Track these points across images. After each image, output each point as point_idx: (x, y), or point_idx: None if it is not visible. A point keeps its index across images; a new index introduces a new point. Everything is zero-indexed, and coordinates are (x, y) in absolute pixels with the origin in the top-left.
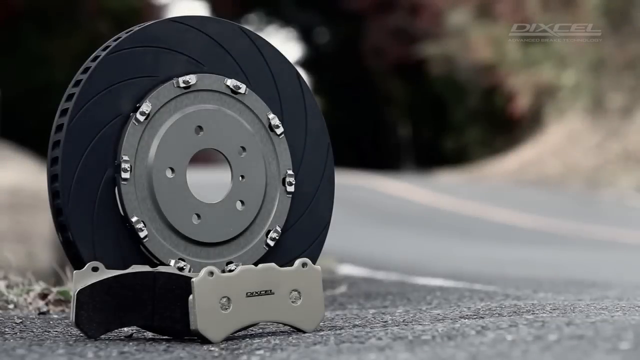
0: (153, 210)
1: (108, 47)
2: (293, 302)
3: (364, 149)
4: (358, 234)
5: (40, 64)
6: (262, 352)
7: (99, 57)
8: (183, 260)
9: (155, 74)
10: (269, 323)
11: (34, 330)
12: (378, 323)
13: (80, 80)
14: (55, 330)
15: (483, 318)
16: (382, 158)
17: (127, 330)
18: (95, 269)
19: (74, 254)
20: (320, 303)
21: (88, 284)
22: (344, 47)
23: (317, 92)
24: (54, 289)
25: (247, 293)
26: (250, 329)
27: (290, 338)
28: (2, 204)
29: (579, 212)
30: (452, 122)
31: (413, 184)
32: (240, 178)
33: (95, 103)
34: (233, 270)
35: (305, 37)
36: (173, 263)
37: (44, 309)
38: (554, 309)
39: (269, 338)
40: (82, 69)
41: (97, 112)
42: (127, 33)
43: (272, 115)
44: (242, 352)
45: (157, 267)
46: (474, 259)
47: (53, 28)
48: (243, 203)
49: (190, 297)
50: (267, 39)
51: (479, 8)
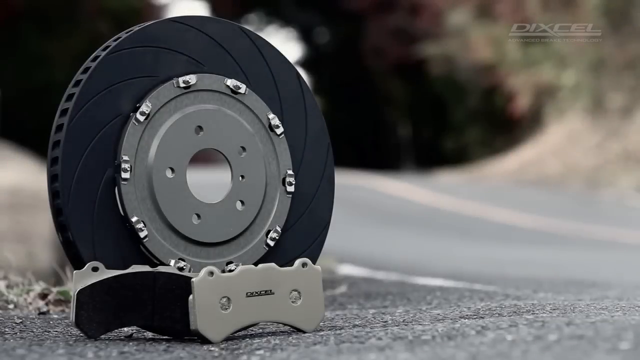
0: (153, 210)
1: (108, 47)
2: (293, 302)
3: (364, 149)
4: (358, 234)
5: (40, 64)
6: (262, 352)
7: (99, 57)
8: (183, 260)
9: (155, 74)
10: (269, 323)
11: (34, 330)
12: (378, 323)
13: (80, 80)
14: (55, 330)
15: (483, 318)
16: (382, 158)
17: (127, 330)
18: (95, 269)
19: (74, 254)
20: (320, 303)
21: (88, 284)
22: (344, 47)
23: (317, 92)
24: (54, 289)
25: (247, 293)
26: (250, 329)
27: (290, 338)
28: (2, 204)
29: (579, 212)
30: (452, 122)
31: (413, 184)
32: (240, 178)
33: (95, 103)
34: (233, 270)
35: (305, 37)
36: (173, 263)
37: (44, 309)
38: (554, 309)
39: (269, 338)
40: (82, 69)
41: (97, 112)
42: (127, 33)
43: (272, 115)
44: (242, 352)
45: (157, 267)
46: (474, 259)
47: (53, 28)
48: (243, 203)
49: (190, 297)
50: (267, 39)
51: (479, 8)
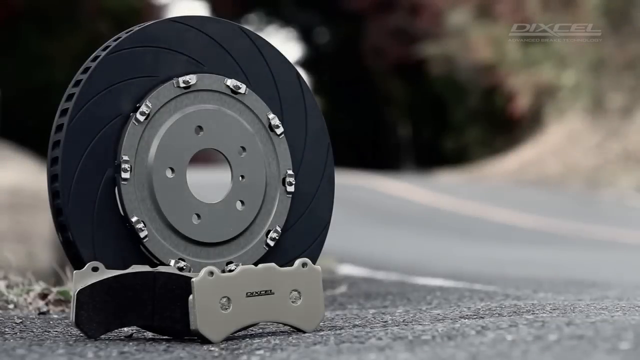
0: (153, 210)
1: (108, 47)
2: (293, 302)
3: (364, 149)
4: (358, 234)
5: (40, 64)
6: (262, 352)
7: (99, 57)
8: (183, 260)
9: (155, 74)
10: (269, 323)
11: (34, 330)
12: (378, 323)
13: (80, 80)
14: (55, 330)
15: (483, 318)
16: (382, 158)
17: (127, 330)
18: (95, 269)
19: (74, 254)
20: (320, 303)
21: (88, 284)
22: (344, 47)
23: (317, 92)
24: (54, 289)
25: (247, 293)
26: (250, 329)
27: (290, 338)
28: (2, 204)
29: (579, 212)
30: (452, 122)
31: (413, 184)
32: (240, 178)
33: (95, 103)
34: (233, 270)
35: (305, 37)
36: (173, 263)
37: (44, 309)
38: (554, 309)
39: (269, 338)
40: (82, 69)
41: (97, 112)
42: (127, 33)
43: (272, 115)
44: (242, 352)
45: (157, 267)
46: (474, 259)
47: (53, 28)
48: (243, 203)
49: (190, 297)
50: (267, 39)
51: (479, 8)
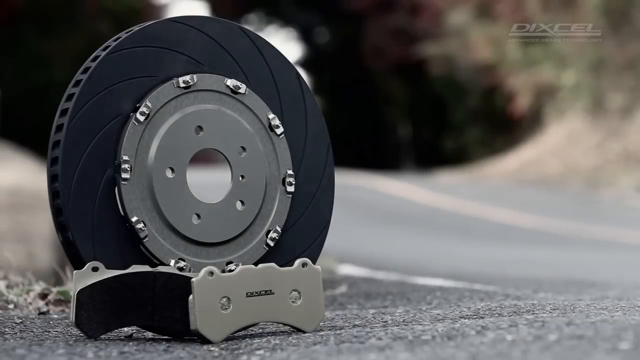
0: (153, 210)
1: (108, 47)
2: (293, 302)
3: (364, 149)
4: (358, 234)
5: (40, 64)
6: (262, 352)
7: (99, 57)
8: (183, 260)
9: (155, 74)
10: (269, 323)
11: (34, 330)
12: (378, 323)
13: (80, 80)
14: (55, 330)
15: (483, 318)
16: (382, 158)
17: (127, 330)
18: (95, 269)
19: (74, 254)
20: (320, 303)
21: (88, 284)
22: (344, 47)
23: (317, 92)
24: (54, 289)
25: (247, 293)
26: (250, 329)
27: (290, 338)
28: (2, 204)
29: (579, 212)
30: (452, 122)
31: (413, 184)
32: (240, 178)
33: (95, 103)
34: (233, 270)
35: (305, 37)
36: (173, 263)
37: (44, 309)
38: (554, 309)
39: (269, 338)
40: (82, 69)
41: (97, 112)
42: (127, 33)
43: (272, 115)
44: (242, 352)
45: (157, 267)
46: (474, 259)
47: (53, 28)
48: (243, 203)
49: (190, 297)
50: (267, 39)
51: (479, 8)
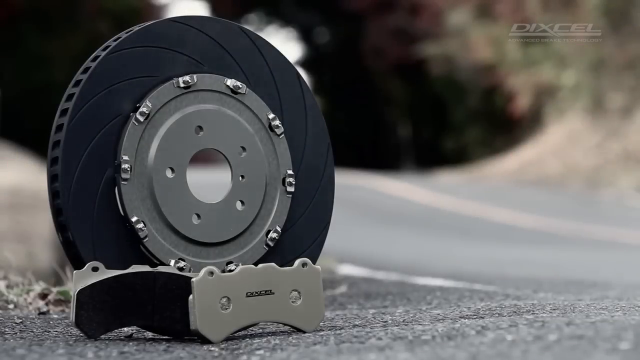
0: (153, 210)
1: (108, 47)
2: (293, 302)
3: (364, 149)
4: (358, 234)
5: (40, 64)
6: (262, 352)
7: (99, 57)
8: (183, 260)
9: (155, 74)
10: (269, 323)
11: (34, 330)
12: (378, 323)
13: (80, 80)
14: (55, 330)
15: (483, 318)
16: (382, 158)
17: (127, 330)
18: (95, 269)
19: (74, 254)
20: (320, 303)
21: (88, 284)
22: (344, 47)
23: (317, 92)
24: (54, 289)
25: (247, 293)
26: (250, 329)
27: (290, 338)
28: (2, 204)
29: (579, 212)
30: (452, 122)
31: (413, 184)
32: (240, 178)
33: (95, 103)
34: (233, 270)
35: (305, 37)
36: (173, 263)
37: (44, 309)
38: (554, 309)
39: (269, 338)
40: (82, 69)
41: (97, 112)
42: (127, 33)
43: (272, 115)
44: (242, 352)
45: (157, 267)
46: (474, 259)
47: (53, 28)
48: (243, 203)
49: (190, 297)
50: (267, 39)
51: (479, 8)
